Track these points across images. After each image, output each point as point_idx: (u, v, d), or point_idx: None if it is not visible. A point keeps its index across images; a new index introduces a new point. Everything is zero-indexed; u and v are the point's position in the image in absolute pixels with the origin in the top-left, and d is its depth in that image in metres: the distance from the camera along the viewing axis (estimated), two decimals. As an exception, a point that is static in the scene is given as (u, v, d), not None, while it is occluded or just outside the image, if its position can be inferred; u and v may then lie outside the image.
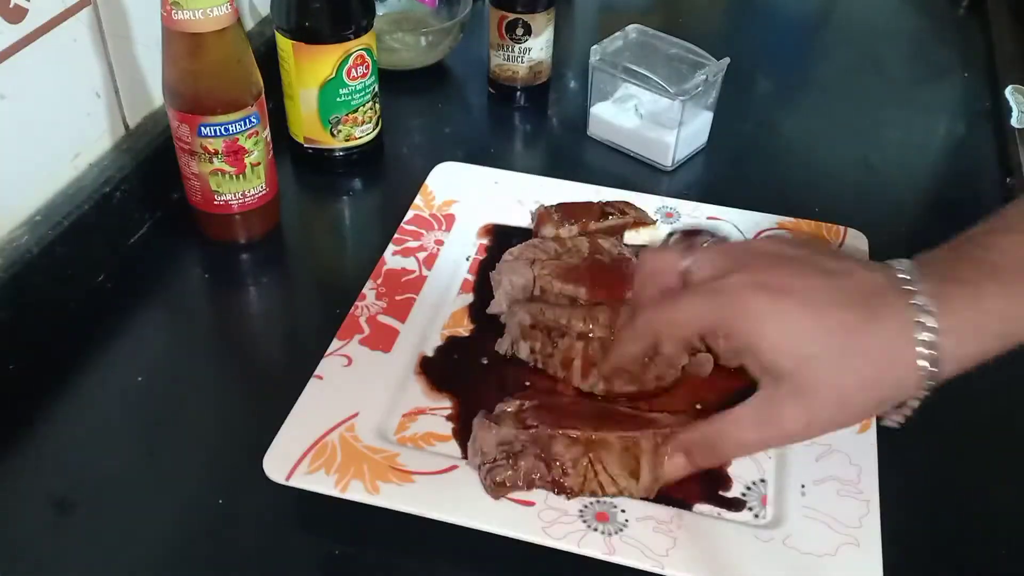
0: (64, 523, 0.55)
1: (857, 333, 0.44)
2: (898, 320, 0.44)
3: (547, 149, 0.93)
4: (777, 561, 0.51)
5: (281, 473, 0.54)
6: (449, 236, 0.73)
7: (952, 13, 1.13)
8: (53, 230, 0.66)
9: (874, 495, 0.55)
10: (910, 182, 0.87)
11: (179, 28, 0.64)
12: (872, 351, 0.44)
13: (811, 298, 0.45)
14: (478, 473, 0.55)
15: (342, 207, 0.84)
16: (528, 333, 0.62)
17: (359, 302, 0.67)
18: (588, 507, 0.54)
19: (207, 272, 0.75)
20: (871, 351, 0.44)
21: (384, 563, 0.54)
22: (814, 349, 0.44)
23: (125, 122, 0.75)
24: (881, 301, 0.44)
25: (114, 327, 0.67)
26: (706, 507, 0.56)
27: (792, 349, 0.45)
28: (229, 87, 0.67)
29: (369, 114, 0.81)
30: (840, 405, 0.45)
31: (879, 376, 0.45)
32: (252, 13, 0.90)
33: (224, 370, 0.67)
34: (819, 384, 0.45)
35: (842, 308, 0.45)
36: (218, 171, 0.70)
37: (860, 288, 0.45)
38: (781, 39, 1.11)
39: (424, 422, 0.60)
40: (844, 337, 0.44)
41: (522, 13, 0.87)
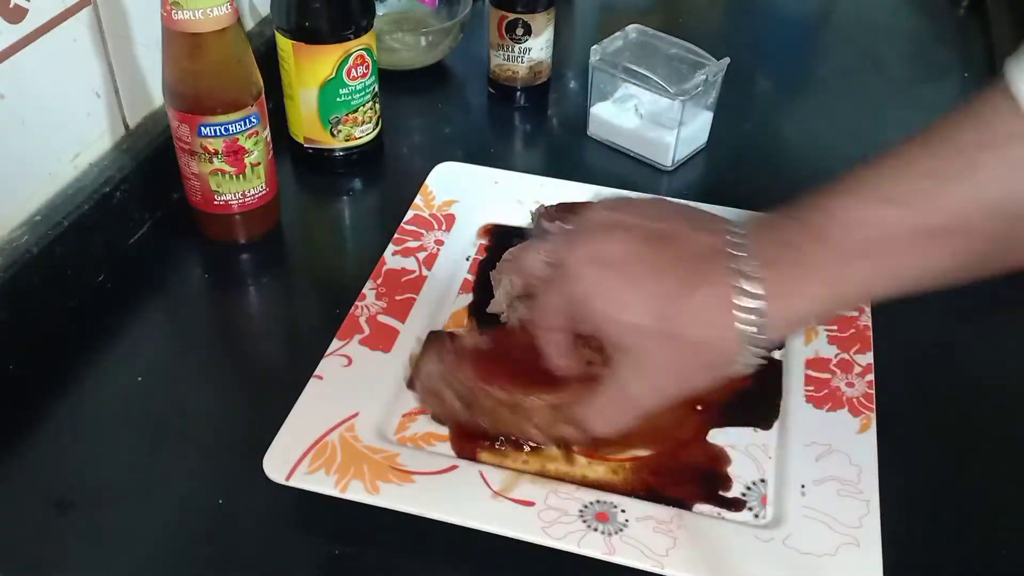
0: (64, 523, 0.55)
1: (677, 300, 0.44)
2: (720, 285, 0.44)
3: (547, 149, 0.93)
4: (777, 561, 0.51)
5: (281, 473, 0.54)
6: (449, 236, 0.73)
7: (952, 13, 1.13)
8: (53, 230, 0.66)
9: (874, 495, 0.55)
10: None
11: (179, 28, 0.64)
12: (692, 317, 0.44)
13: (632, 268, 0.46)
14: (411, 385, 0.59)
15: (342, 207, 0.84)
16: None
17: (359, 302, 0.67)
18: (588, 507, 0.54)
19: (207, 272, 0.75)
20: (692, 317, 0.44)
21: (384, 563, 0.54)
22: (638, 319, 0.45)
23: (125, 122, 0.75)
24: (706, 267, 0.44)
25: (114, 327, 0.67)
26: (706, 507, 0.56)
27: (620, 321, 0.46)
28: (229, 87, 0.67)
29: (369, 114, 0.81)
30: (674, 371, 0.46)
31: (702, 342, 0.45)
32: (252, 13, 0.90)
33: (224, 370, 0.67)
34: (650, 352, 0.46)
35: (663, 276, 0.45)
36: (218, 171, 0.70)
37: (685, 254, 0.45)
38: (781, 39, 1.11)
39: (424, 422, 0.60)
40: (665, 305, 0.44)
41: (522, 13, 0.87)
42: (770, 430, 0.60)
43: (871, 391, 0.61)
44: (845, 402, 0.61)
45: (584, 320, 0.48)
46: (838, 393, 0.61)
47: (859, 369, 0.63)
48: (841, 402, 0.61)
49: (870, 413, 0.60)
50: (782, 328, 0.45)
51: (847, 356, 0.64)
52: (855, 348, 0.64)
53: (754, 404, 0.62)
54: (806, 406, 0.61)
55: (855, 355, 0.64)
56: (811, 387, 0.62)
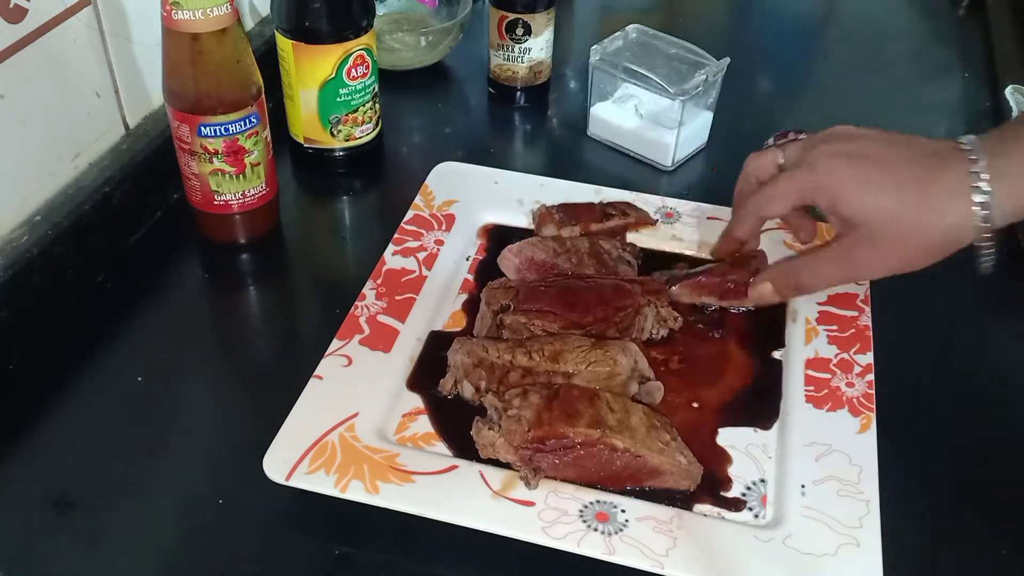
0: (64, 523, 0.55)
1: (920, 186, 0.52)
2: (956, 176, 0.51)
3: (547, 149, 0.93)
4: (777, 561, 0.51)
5: (281, 473, 0.54)
6: (449, 236, 0.73)
7: (952, 13, 1.13)
8: (53, 230, 0.66)
9: (874, 495, 0.55)
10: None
11: (179, 28, 0.64)
12: (932, 202, 0.52)
13: (882, 159, 0.54)
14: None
15: (342, 207, 0.84)
16: (471, 372, 0.61)
17: (359, 302, 0.67)
18: (588, 507, 0.54)
19: (207, 272, 0.75)
20: (931, 202, 0.52)
21: (384, 563, 0.54)
22: (884, 201, 0.53)
23: (125, 122, 0.75)
24: (942, 162, 0.52)
25: (114, 327, 0.67)
26: (706, 507, 0.56)
27: (866, 201, 0.54)
28: (229, 87, 0.67)
29: (369, 114, 0.81)
30: (904, 248, 0.54)
31: (937, 224, 0.52)
32: (252, 13, 0.90)
33: (224, 370, 0.67)
34: (887, 229, 0.54)
35: (909, 166, 0.53)
36: (218, 171, 0.70)
37: (924, 151, 0.54)
38: (781, 39, 1.11)
39: (424, 422, 0.60)
40: (909, 190, 0.53)
41: (522, 13, 0.87)
42: (770, 430, 0.60)
43: (871, 391, 0.61)
44: (845, 402, 0.61)
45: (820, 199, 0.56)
46: (838, 393, 0.61)
47: (859, 369, 0.63)
48: (841, 402, 0.61)
49: (870, 413, 0.60)
50: (1009, 214, 0.52)
51: (847, 356, 0.64)
52: (855, 348, 0.64)
53: (754, 404, 0.62)
54: (806, 406, 0.61)
55: (855, 355, 0.64)
56: (811, 387, 0.62)
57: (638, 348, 0.62)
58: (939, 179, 0.52)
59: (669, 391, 0.62)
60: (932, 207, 0.53)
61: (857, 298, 0.68)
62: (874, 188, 0.54)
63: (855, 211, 0.55)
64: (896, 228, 0.54)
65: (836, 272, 0.59)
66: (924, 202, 0.53)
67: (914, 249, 0.54)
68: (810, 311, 0.68)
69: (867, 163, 0.55)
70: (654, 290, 0.66)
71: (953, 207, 0.52)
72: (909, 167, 0.54)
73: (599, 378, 0.60)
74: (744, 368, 0.65)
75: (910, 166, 0.54)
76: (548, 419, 0.55)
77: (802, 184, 0.58)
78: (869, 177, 0.54)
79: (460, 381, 0.61)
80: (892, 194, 0.53)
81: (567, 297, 0.65)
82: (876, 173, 0.54)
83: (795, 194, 0.58)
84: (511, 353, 0.61)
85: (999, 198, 0.51)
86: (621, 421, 0.56)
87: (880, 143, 0.56)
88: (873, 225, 0.54)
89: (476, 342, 0.62)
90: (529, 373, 0.60)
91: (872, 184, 0.54)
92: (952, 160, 0.52)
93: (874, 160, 0.55)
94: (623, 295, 0.65)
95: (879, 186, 0.54)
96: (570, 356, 0.60)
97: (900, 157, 0.54)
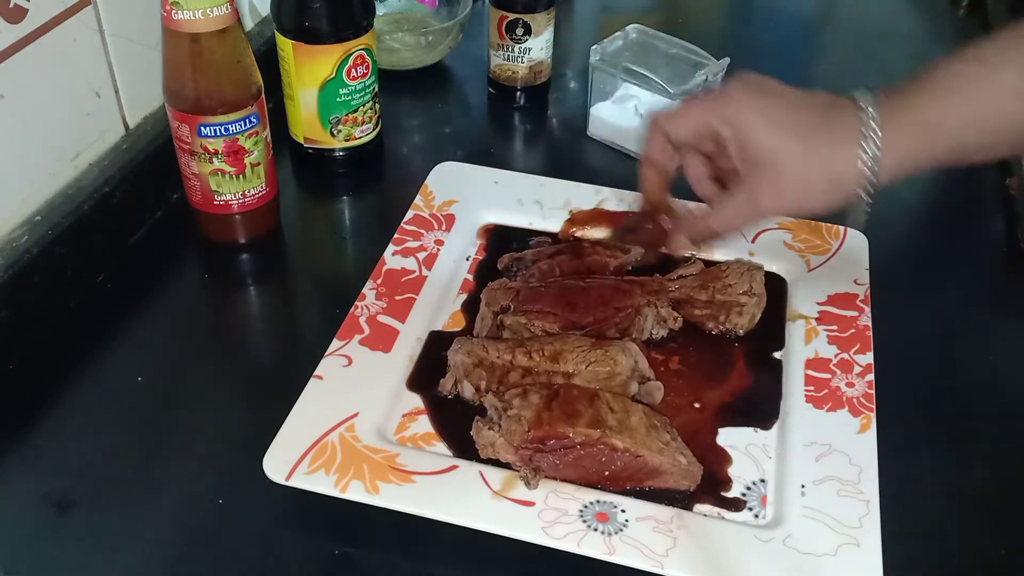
0: (64, 523, 0.55)
1: (818, 132, 0.55)
2: (850, 126, 0.54)
3: (547, 149, 0.93)
4: (777, 561, 0.51)
5: (281, 473, 0.54)
6: (449, 236, 0.73)
7: (952, 13, 1.13)
8: (53, 230, 0.66)
9: (874, 495, 0.55)
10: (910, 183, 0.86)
11: (179, 28, 0.64)
12: (825, 148, 0.54)
13: (787, 98, 0.57)
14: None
15: (342, 207, 0.84)
16: (471, 372, 0.61)
17: (359, 302, 0.67)
18: (588, 507, 0.54)
19: (207, 272, 0.75)
20: (824, 148, 0.54)
21: (384, 563, 0.54)
22: (786, 139, 0.55)
23: (125, 122, 0.75)
24: (839, 112, 0.55)
25: (114, 327, 0.67)
26: (706, 507, 0.56)
27: (770, 137, 0.55)
28: (229, 87, 0.67)
29: (369, 114, 0.81)
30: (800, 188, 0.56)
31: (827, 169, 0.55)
32: (252, 13, 0.90)
33: (224, 370, 0.67)
34: (786, 167, 0.55)
35: (810, 110, 0.56)
36: (218, 171, 0.70)
37: (827, 100, 0.56)
38: (781, 39, 1.11)
39: (424, 422, 0.60)
40: (811, 133, 0.55)
41: (522, 13, 0.87)
42: (770, 430, 0.60)
43: (871, 391, 0.61)
44: (845, 402, 0.61)
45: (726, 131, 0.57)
46: (838, 393, 0.61)
47: (859, 369, 0.63)
48: (841, 402, 0.61)
49: (870, 413, 0.60)
50: (896, 166, 0.54)
51: (847, 356, 0.64)
52: (855, 348, 0.64)
53: (754, 404, 0.62)
54: (806, 406, 0.61)
55: (855, 355, 0.64)
56: (811, 387, 0.62)
57: (638, 348, 0.62)
58: (835, 127, 0.55)
59: (669, 391, 0.62)
60: (825, 153, 0.55)
61: (857, 298, 0.68)
62: (778, 125, 0.56)
63: (758, 148, 0.56)
64: (793, 168, 0.56)
65: (740, 212, 0.60)
66: (819, 147, 0.55)
67: (805, 192, 0.56)
68: (810, 311, 0.68)
69: (774, 99, 0.57)
70: (654, 290, 0.66)
71: (842, 155, 0.54)
72: (811, 110, 0.56)
73: (599, 378, 0.60)
74: (744, 368, 0.65)
75: (812, 109, 0.56)
76: (548, 419, 0.55)
77: (713, 108, 0.59)
78: (775, 113, 0.56)
79: (460, 381, 0.61)
80: (792, 133, 0.55)
81: (567, 298, 0.65)
82: (781, 111, 0.56)
83: (704, 116, 0.59)
84: (511, 353, 0.61)
85: (885, 151, 0.53)
86: (621, 421, 0.56)
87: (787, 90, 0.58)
88: (774, 162, 0.56)
89: (476, 342, 0.62)
90: (529, 373, 0.60)
91: (776, 123, 0.56)
92: (847, 111, 0.55)
93: (780, 97, 0.57)
94: (623, 296, 0.65)
95: (782, 124, 0.56)
96: (570, 356, 0.60)
97: (804, 100, 0.57)
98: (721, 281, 0.67)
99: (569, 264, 0.69)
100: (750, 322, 0.66)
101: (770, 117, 0.56)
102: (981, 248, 0.80)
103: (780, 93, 0.57)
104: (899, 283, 0.72)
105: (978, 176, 0.87)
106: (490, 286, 0.67)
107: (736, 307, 0.66)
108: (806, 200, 0.57)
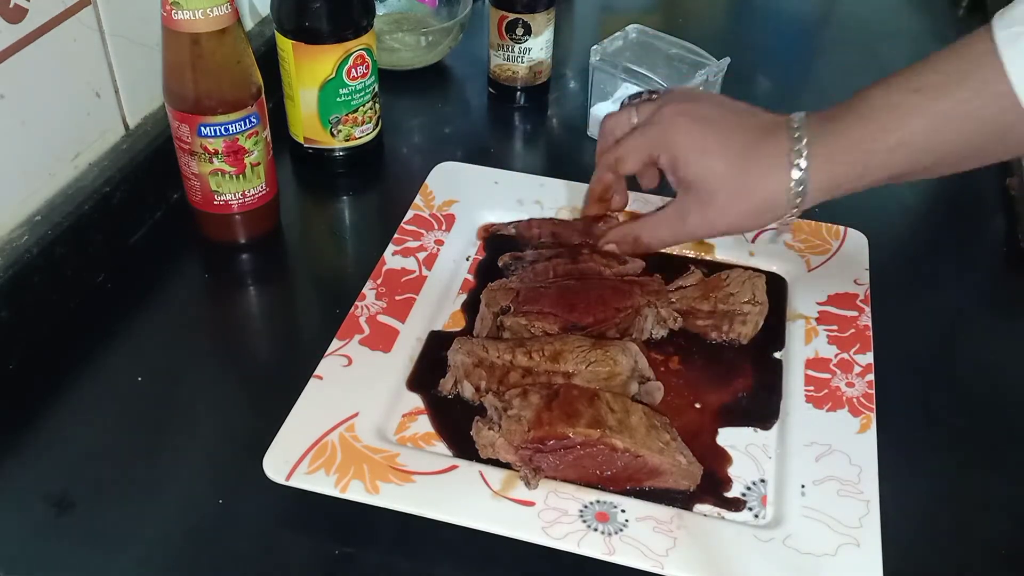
0: (64, 522, 0.55)
1: (747, 154, 0.56)
2: (780, 149, 0.55)
3: (547, 149, 0.93)
4: (777, 561, 0.51)
5: (281, 473, 0.54)
6: (449, 236, 0.73)
7: (952, 13, 1.13)
8: (53, 230, 0.66)
9: (874, 495, 0.55)
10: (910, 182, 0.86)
11: (179, 28, 0.64)
12: (755, 171, 0.56)
13: (720, 125, 0.58)
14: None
15: (342, 207, 0.84)
16: (471, 372, 0.61)
17: (359, 302, 0.67)
18: (588, 507, 0.54)
19: (207, 272, 0.75)
20: (755, 171, 0.56)
21: (384, 563, 0.54)
22: (716, 165, 0.57)
23: (125, 122, 0.75)
24: (770, 135, 0.56)
25: (114, 327, 0.67)
26: (706, 507, 0.56)
27: (701, 163, 0.57)
28: (229, 87, 0.67)
29: (369, 114, 0.81)
30: (730, 212, 0.57)
31: (756, 192, 0.56)
32: (252, 13, 0.90)
33: (224, 370, 0.67)
34: (716, 192, 0.57)
35: (743, 132, 0.57)
36: (218, 171, 0.70)
37: (759, 123, 0.57)
38: (781, 39, 1.11)
39: (424, 422, 0.60)
40: (737, 157, 0.56)
41: (522, 13, 0.87)
42: (770, 430, 0.60)
43: (871, 391, 0.61)
44: (845, 402, 0.61)
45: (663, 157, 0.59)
46: (838, 393, 0.61)
47: (859, 369, 0.63)
48: (841, 402, 0.61)
49: (870, 413, 0.60)
50: (824, 189, 0.55)
51: (847, 356, 0.64)
52: (855, 348, 0.64)
53: (754, 404, 0.62)
54: (806, 406, 0.61)
55: (855, 355, 0.64)
56: (811, 387, 0.62)
57: (638, 348, 0.62)
58: (765, 150, 0.56)
59: (669, 391, 0.62)
60: (755, 176, 0.56)
61: (857, 298, 0.68)
62: (709, 152, 0.57)
63: (689, 172, 0.58)
64: (723, 192, 0.57)
65: (670, 231, 0.62)
66: (749, 170, 0.56)
67: (736, 214, 0.58)
68: (810, 311, 0.68)
69: (706, 126, 0.58)
70: (654, 291, 0.66)
71: (772, 178, 0.55)
72: (743, 134, 0.57)
73: (599, 378, 0.60)
74: (744, 368, 0.65)
75: (743, 133, 0.57)
76: (548, 419, 0.55)
77: (651, 140, 0.60)
78: (707, 140, 0.57)
79: (460, 381, 0.61)
80: (722, 159, 0.57)
81: (567, 299, 0.65)
82: (712, 137, 0.57)
83: (645, 149, 0.61)
84: (511, 353, 0.61)
85: (813, 175, 0.54)
86: (621, 421, 0.56)
87: (721, 109, 0.59)
88: (704, 187, 0.57)
89: (476, 342, 0.62)
90: (529, 373, 0.60)
91: (707, 149, 0.57)
92: (779, 134, 0.55)
93: (712, 124, 0.58)
94: (623, 296, 0.65)
95: (713, 151, 0.57)
96: (570, 356, 0.60)
97: (736, 124, 0.58)
98: (723, 291, 0.66)
99: (565, 268, 0.69)
100: (753, 330, 0.66)
101: (702, 143, 0.57)
102: (981, 248, 0.80)
103: (713, 116, 0.58)
104: (899, 283, 0.72)
105: (978, 176, 0.87)
106: (490, 287, 0.67)
107: (740, 316, 0.65)
108: (736, 222, 0.59)
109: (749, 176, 0.56)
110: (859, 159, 0.54)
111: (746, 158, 0.56)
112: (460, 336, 0.64)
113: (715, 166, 0.57)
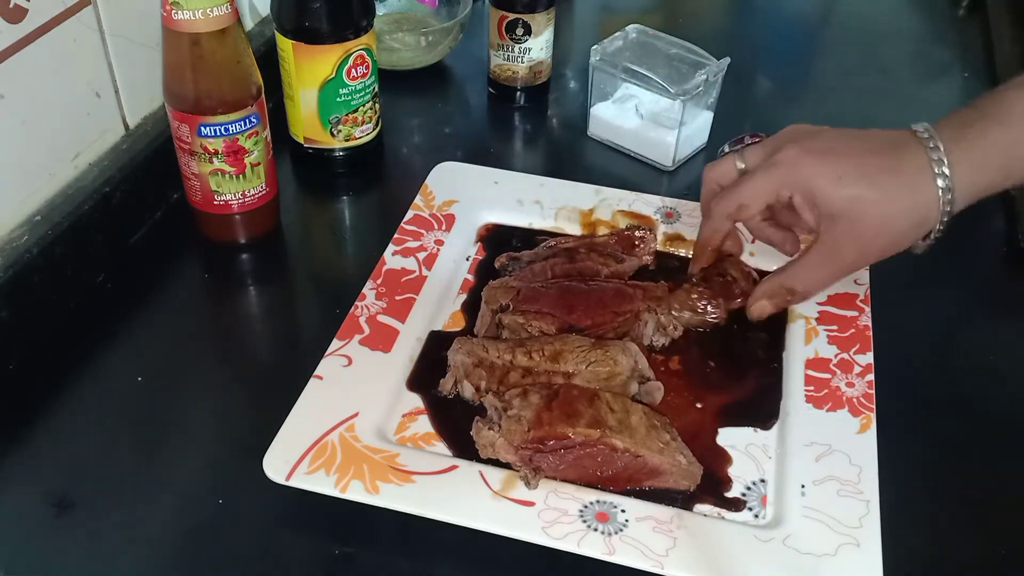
0: (64, 522, 0.55)
1: (888, 175, 0.56)
2: (919, 162, 0.55)
3: (547, 149, 0.93)
4: (777, 561, 0.51)
5: (281, 473, 0.54)
6: (449, 236, 0.73)
7: (952, 13, 1.13)
8: (53, 230, 0.66)
9: (874, 495, 0.55)
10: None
11: (179, 28, 0.64)
12: (901, 188, 0.55)
13: (846, 151, 0.57)
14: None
15: (342, 207, 0.84)
16: (471, 372, 0.61)
17: (359, 302, 0.67)
18: (588, 507, 0.54)
19: (207, 272, 0.75)
20: (901, 188, 0.55)
21: (384, 563, 0.54)
22: (858, 189, 0.56)
23: (125, 122, 0.75)
24: (904, 149, 0.55)
25: (114, 327, 0.67)
26: (706, 507, 0.56)
27: (842, 193, 0.56)
28: (229, 87, 0.67)
29: (369, 114, 0.81)
30: (884, 233, 0.57)
31: (907, 208, 0.56)
32: (252, 13, 0.90)
33: (224, 370, 0.67)
34: (866, 216, 0.56)
35: (874, 155, 0.56)
36: (218, 171, 0.70)
37: (884, 142, 0.57)
38: (781, 39, 1.11)
39: (424, 422, 0.60)
40: (880, 177, 0.56)
41: (522, 13, 0.87)
42: (770, 430, 0.60)
43: (871, 391, 0.61)
44: (845, 402, 0.61)
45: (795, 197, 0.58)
46: (838, 393, 0.61)
47: (859, 369, 0.63)
48: (841, 402, 0.61)
49: (870, 413, 0.60)
50: (969, 195, 0.55)
51: (847, 356, 0.64)
52: (855, 348, 0.64)
53: (754, 404, 0.62)
54: (806, 406, 0.61)
55: (855, 355, 0.64)
56: (811, 387, 0.62)
57: (638, 348, 0.62)
58: (904, 166, 0.55)
59: (669, 391, 0.62)
60: (904, 192, 0.55)
61: (857, 298, 0.68)
62: (847, 179, 0.56)
63: (832, 203, 0.57)
64: (872, 216, 0.56)
65: (826, 271, 0.61)
66: (894, 188, 0.56)
67: (892, 234, 0.57)
68: (810, 311, 0.68)
69: (835, 156, 0.57)
70: (656, 297, 0.66)
71: (920, 191, 0.55)
72: (873, 156, 0.57)
73: (599, 378, 0.60)
74: (744, 368, 0.65)
75: (874, 155, 0.57)
76: (548, 419, 0.55)
77: (778, 180, 0.59)
78: (840, 168, 0.57)
79: (460, 381, 0.61)
80: (862, 183, 0.56)
81: (567, 299, 0.65)
82: (845, 165, 0.57)
83: (771, 191, 0.60)
84: (511, 353, 0.61)
85: (958, 182, 0.54)
86: (621, 421, 0.56)
87: (842, 138, 0.59)
88: (852, 215, 0.56)
89: (476, 342, 0.62)
90: (529, 373, 0.60)
91: (844, 176, 0.56)
92: (912, 147, 0.55)
93: (840, 153, 0.58)
94: (623, 299, 0.65)
95: (850, 177, 0.56)
96: (570, 356, 0.60)
97: (864, 148, 0.57)
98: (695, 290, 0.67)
99: (562, 268, 0.69)
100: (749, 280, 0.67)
101: (836, 171, 0.56)
102: (981, 248, 0.79)
103: (836, 145, 0.58)
104: (899, 283, 0.72)
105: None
106: (491, 284, 0.67)
107: (731, 284, 0.67)
108: (891, 245, 0.58)
109: (897, 193, 0.56)
110: (1003, 164, 0.54)
111: (887, 177, 0.56)
112: (460, 336, 0.64)
113: (857, 191, 0.56)
